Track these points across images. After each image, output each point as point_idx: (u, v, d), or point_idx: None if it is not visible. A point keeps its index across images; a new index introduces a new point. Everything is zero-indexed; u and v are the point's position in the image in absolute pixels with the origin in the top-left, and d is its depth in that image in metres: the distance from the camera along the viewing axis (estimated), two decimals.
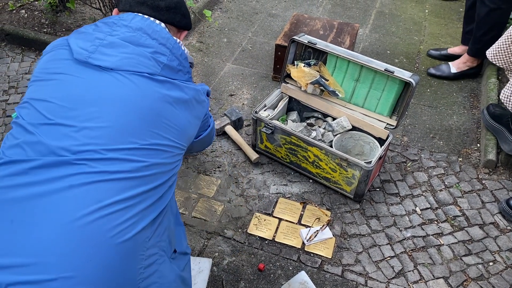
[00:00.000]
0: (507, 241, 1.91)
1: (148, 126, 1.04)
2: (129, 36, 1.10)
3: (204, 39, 3.10)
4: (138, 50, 1.09)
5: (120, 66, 1.06)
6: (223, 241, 1.88)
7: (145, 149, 1.03)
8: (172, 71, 1.13)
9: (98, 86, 1.04)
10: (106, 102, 1.02)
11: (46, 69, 1.09)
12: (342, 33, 2.69)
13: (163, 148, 1.07)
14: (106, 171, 0.96)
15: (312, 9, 3.49)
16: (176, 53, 1.15)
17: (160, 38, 1.13)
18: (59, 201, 0.92)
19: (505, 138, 2.16)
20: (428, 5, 3.64)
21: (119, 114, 1.02)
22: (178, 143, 1.13)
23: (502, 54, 2.08)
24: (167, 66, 1.12)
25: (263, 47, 3.05)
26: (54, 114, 1.00)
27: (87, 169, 0.95)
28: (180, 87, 1.14)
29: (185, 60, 1.18)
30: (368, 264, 1.82)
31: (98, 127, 0.99)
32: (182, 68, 1.17)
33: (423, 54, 3.04)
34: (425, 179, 2.18)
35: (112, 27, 1.12)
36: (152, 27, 1.14)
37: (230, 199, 2.06)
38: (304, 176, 2.17)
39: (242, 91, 2.68)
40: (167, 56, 1.13)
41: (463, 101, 2.67)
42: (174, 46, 1.15)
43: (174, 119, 1.10)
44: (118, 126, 1.00)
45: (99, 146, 0.97)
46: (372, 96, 2.08)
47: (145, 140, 1.03)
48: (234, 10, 3.44)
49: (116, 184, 0.96)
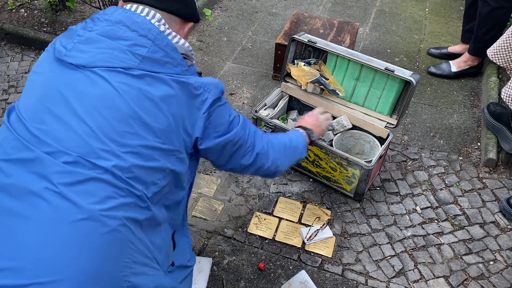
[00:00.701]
0: (507, 240, 1.91)
1: (119, 125, 0.98)
2: (107, 30, 1.04)
3: (204, 38, 3.10)
4: (113, 44, 1.02)
5: (92, 62, 1.00)
6: (223, 240, 1.88)
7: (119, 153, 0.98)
8: (156, 63, 1.04)
9: (66, 87, 0.99)
10: (71, 105, 0.97)
11: (35, 68, 1.08)
12: (342, 32, 2.69)
13: (138, 151, 1.00)
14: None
15: (312, 8, 3.48)
16: (160, 44, 1.05)
17: (140, 30, 1.05)
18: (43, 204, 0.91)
19: (505, 137, 2.16)
20: (428, 3, 3.63)
21: (83, 118, 0.96)
22: (162, 144, 1.04)
23: (503, 53, 2.07)
24: (147, 58, 1.03)
25: (263, 46, 3.05)
26: (19, 131, 0.98)
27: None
28: (164, 80, 1.04)
29: (173, 51, 1.08)
30: (369, 263, 1.82)
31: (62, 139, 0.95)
32: (170, 59, 1.06)
33: (423, 52, 3.04)
34: (425, 178, 2.18)
35: (95, 23, 1.07)
36: (132, 18, 1.06)
37: (230, 198, 2.05)
38: (304, 175, 2.17)
39: (242, 90, 2.68)
40: (148, 48, 1.04)
41: (464, 100, 2.66)
42: (157, 37, 1.06)
43: (154, 116, 1.01)
44: (81, 131, 0.96)
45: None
46: (372, 95, 2.07)
47: (114, 141, 0.97)
48: (234, 9, 3.43)
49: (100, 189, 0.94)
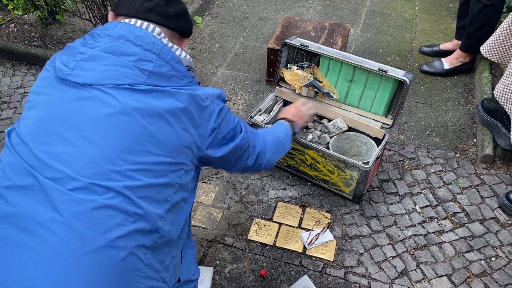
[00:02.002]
0: (508, 236, 1.91)
1: (130, 144, 0.96)
2: (110, 46, 1.02)
3: (196, 45, 3.09)
4: (118, 61, 1.00)
5: (98, 80, 0.98)
6: (223, 248, 1.86)
7: (130, 171, 0.96)
8: (162, 77, 1.03)
9: (72, 107, 0.97)
10: (80, 127, 0.95)
11: (34, 88, 1.06)
12: (333, 34, 2.69)
13: (150, 168, 0.98)
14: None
15: (302, 11, 3.49)
16: (165, 57, 1.05)
17: (144, 44, 1.04)
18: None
19: (500, 132, 2.16)
20: (418, 2, 3.65)
21: (92, 139, 0.94)
22: (173, 158, 1.02)
23: (497, 49, 2.08)
24: (154, 74, 1.02)
25: (255, 51, 3.05)
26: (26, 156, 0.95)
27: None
28: (171, 94, 1.03)
29: (178, 64, 1.08)
30: (371, 265, 1.81)
31: (70, 160, 0.93)
32: (175, 73, 1.06)
33: (415, 51, 3.05)
34: (423, 176, 2.17)
35: (96, 39, 1.05)
36: (135, 32, 1.04)
37: (229, 206, 2.04)
38: (302, 179, 2.16)
39: (236, 96, 2.67)
40: (154, 62, 1.03)
41: (458, 97, 2.67)
42: (162, 50, 1.05)
43: (164, 131, 1.00)
44: (91, 153, 0.93)
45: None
46: (366, 96, 2.07)
47: (125, 161, 0.95)
48: (225, 15, 3.43)
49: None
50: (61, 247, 0.86)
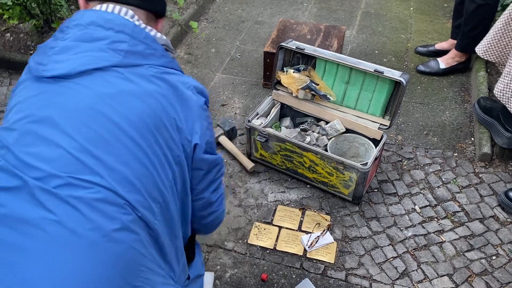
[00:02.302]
0: (508, 234, 1.91)
1: (109, 134, 0.93)
2: (81, 35, 0.99)
3: (192, 50, 3.10)
4: (91, 46, 0.98)
5: (73, 69, 0.95)
6: (224, 253, 1.86)
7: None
8: (140, 56, 1.01)
9: (49, 104, 0.94)
10: (57, 122, 0.92)
11: (12, 93, 1.04)
12: (329, 36, 2.70)
13: (135, 158, 0.94)
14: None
15: (298, 14, 3.50)
16: (138, 37, 1.02)
17: (115, 26, 1.01)
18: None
19: (497, 131, 2.17)
20: (412, 2, 3.66)
21: (70, 134, 0.91)
22: (159, 146, 0.97)
23: (493, 49, 2.09)
24: (130, 52, 1.00)
25: (251, 55, 3.05)
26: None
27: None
28: (148, 79, 1.00)
29: (153, 43, 1.05)
30: (372, 267, 1.81)
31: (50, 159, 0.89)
32: (152, 51, 1.04)
33: (411, 51, 3.06)
34: (422, 176, 2.18)
35: (65, 31, 1.01)
36: (104, 17, 1.02)
37: (229, 210, 2.04)
38: (301, 182, 2.16)
39: (233, 100, 2.67)
40: (127, 42, 1.00)
41: (454, 96, 2.68)
42: (134, 30, 1.02)
43: (141, 113, 0.96)
44: (70, 148, 0.90)
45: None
46: (363, 98, 2.08)
47: (108, 153, 0.91)
48: (221, 20, 3.44)
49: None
50: (56, 245, 0.85)
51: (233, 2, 3.66)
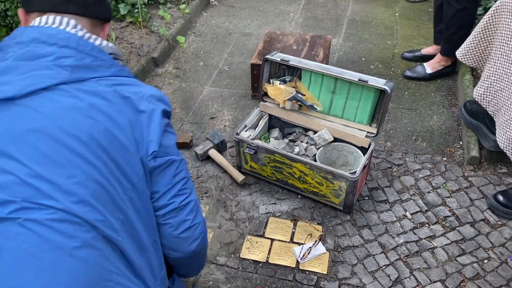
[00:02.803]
0: (499, 237, 1.92)
1: (59, 155, 0.91)
2: (23, 53, 0.96)
3: (180, 64, 3.11)
4: (35, 65, 0.95)
5: (19, 91, 0.92)
6: (216, 268, 1.85)
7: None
8: (87, 69, 0.99)
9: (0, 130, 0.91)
10: (7, 148, 0.90)
11: None
12: (315, 46, 2.72)
13: (89, 177, 0.93)
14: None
15: (284, 24, 3.53)
16: (84, 49, 1.00)
17: (59, 41, 0.98)
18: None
19: (484, 134, 2.18)
20: (398, 8, 3.70)
21: (19, 159, 0.89)
22: (110, 160, 0.96)
23: (471, 53, 2.11)
24: (77, 67, 0.98)
25: (239, 67, 3.07)
26: None
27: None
28: (98, 93, 0.98)
29: (101, 53, 1.03)
30: (364, 276, 1.80)
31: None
32: (100, 62, 1.02)
33: (397, 57, 3.08)
34: (412, 182, 2.18)
35: (5, 51, 0.98)
36: (46, 32, 0.99)
37: (220, 225, 2.04)
38: (292, 193, 2.16)
39: (222, 113, 2.68)
40: (73, 57, 0.98)
41: (442, 100, 2.70)
42: (79, 43, 1.00)
43: (91, 128, 0.95)
44: (22, 174, 0.88)
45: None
46: (349, 106, 2.09)
47: (60, 175, 0.90)
48: (208, 33, 3.46)
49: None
50: (17, 270, 0.84)
51: (220, 15, 3.68)
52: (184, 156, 2.37)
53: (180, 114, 2.67)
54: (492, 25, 1.98)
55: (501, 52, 1.93)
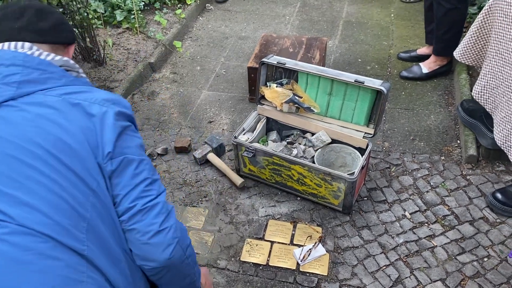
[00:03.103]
0: (498, 234, 1.92)
1: (14, 173, 0.92)
2: None
3: (178, 69, 3.12)
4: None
5: None
6: (217, 272, 1.85)
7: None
8: (35, 83, 1.01)
9: None
10: None
11: None
12: (311, 48, 2.73)
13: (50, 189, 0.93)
14: None
15: (280, 27, 3.54)
16: (31, 65, 1.02)
17: (5, 61, 1.02)
18: None
19: (482, 132, 2.19)
20: (393, 9, 3.72)
21: None
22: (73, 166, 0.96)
23: (469, 52, 2.12)
24: (24, 82, 1.00)
25: (236, 71, 3.08)
26: None
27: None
28: (44, 96, 1.01)
29: (49, 66, 1.05)
30: (365, 276, 1.81)
31: None
32: (50, 75, 1.04)
33: (393, 58, 3.09)
34: (410, 182, 2.19)
35: None
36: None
37: (220, 228, 2.04)
38: (291, 195, 2.17)
39: (220, 117, 2.69)
40: (20, 73, 1.00)
41: (439, 100, 2.70)
42: (26, 60, 1.03)
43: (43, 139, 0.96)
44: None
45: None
46: (346, 108, 2.10)
47: (19, 189, 0.91)
48: (204, 37, 3.47)
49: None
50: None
51: (216, 19, 3.70)
52: (183, 160, 2.38)
53: (178, 118, 2.68)
54: (487, 24, 1.99)
55: (495, 50, 1.95)
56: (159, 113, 2.72)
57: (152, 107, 2.77)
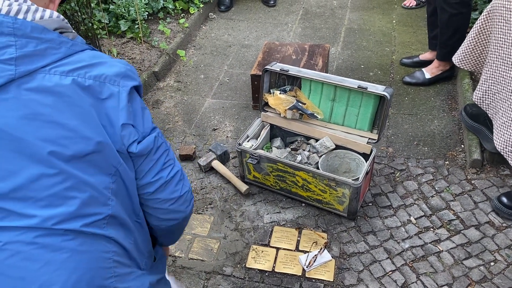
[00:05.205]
0: (504, 239, 1.92)
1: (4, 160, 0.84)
2: None
3: (182, 78, 3.14)
4: None
5: None
6: (223, 279, 1.86)
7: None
8: (36, 57, 0.85)
9: None
10: None
11: None
12: (314, 55, 2.75)
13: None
14: None
15: (283, 35, 3.57)
16: (24, 33, 0.83)
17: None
18: None
19: (485, 136, 2.19)
20: (394, 15, 3.74)
21: None
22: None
23: (468, 57, 2.13)
24: (21, 58, 0.83)
25: (240, 78, 3.10)
26: None
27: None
28: (50, 76, 0.86)
29: (44, 33, 0.86)
30: (371, 282, 1.80)
31: None
32: (48, 44, 0.86)
33: (396, 63, 3.11)
34: (415, 187, 2.19)
35: None
36: None
37: (225, 235, 2.04)
38: (296, 201, 2.17)
39: (224, 124, 2.70)
40: (14, 45, 0.82)
41: (442, 105, 2.71)
42: (16, 26, 0.83)
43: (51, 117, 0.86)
44: None
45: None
46: (350, 114, 2.11)
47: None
48: (208, 46, 3.50)
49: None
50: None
51: (219, 28, 3.73)
52: (188, 168, 2.39)
53: (182, 126, 2.70)
54: (486, 29, 2.00)
55: (496, 55, 1.95)
56: (164, 121, 2.74)
57: (157, 115, 2.79)
